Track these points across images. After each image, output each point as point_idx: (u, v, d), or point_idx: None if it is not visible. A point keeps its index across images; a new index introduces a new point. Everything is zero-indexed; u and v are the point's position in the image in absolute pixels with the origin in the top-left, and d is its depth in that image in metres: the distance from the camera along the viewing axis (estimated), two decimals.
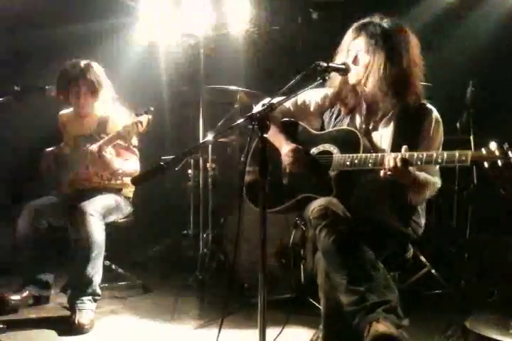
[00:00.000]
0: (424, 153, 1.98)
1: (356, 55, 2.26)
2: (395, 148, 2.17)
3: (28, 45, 4.37)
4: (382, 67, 2.21)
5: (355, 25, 2.32)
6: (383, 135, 2.29)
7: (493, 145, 1.82)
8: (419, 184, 2.13)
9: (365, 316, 1.92)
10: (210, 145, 3.94)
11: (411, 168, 2.02)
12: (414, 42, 2.28)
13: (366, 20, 2.30)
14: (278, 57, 4.59)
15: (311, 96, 2.49)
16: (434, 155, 1.94)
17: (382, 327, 1.87)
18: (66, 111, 3.38)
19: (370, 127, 2.34)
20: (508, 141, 1.85)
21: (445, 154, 1.92)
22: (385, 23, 2.27)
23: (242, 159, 3.53)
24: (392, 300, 1.97)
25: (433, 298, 3.31)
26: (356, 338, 1.96)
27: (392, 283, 2.07)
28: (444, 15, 4.20)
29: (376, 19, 2.29)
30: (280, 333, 2.42)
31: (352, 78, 2.30)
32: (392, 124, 2.28)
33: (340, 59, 2.30)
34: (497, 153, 1.80)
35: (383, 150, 2.24)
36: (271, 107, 1.91)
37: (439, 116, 2.28)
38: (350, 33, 2.32)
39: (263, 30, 4.15)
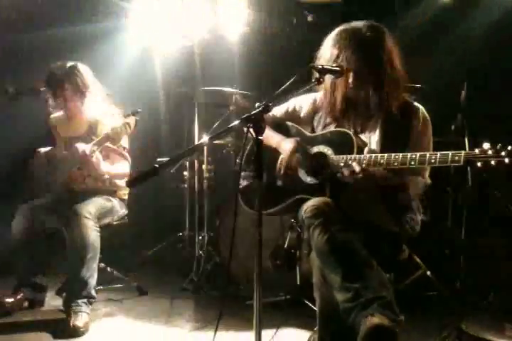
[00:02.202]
0: (418, 153, 1.99)
1: (343, 60, 2.25)
2: (384, 148, 2.19)
3: (23, 47, 4.36)
4: (370, 70, 2.22)
5: (337, 31, 2.30)
6: (371, 136, 2.29)
7: (486, 145, 1.84)
8: (395, 183, 2.15)
9: (360, 312, 1.93)
10: (205, 147, 3.95)
11: (376, 171, 2.06)
12: (394, 43, 2.29)
13: (347, 25, 2.29)
14: (273, 60, 4.60)
15: (301, 102, 2.50)
16: (427, 155, 1.95)
17: (376, 319, 1.88)
18: (56, 114, 3.38)
19: (358, 129, 2.34)
20: (502, 142, 1.86)
21: (438, 154, 1.93)
22: (366, 26, 2.26)
23: (237, 161, 3.54)
24: (387, 296, 1.98)
25: (428, 300, 3.31)
26: (352, 338, 1.96)
27: (386, 281, 2.08)
28: (439, 17, 4.21)
29: (356, 23, 2.28)
30: (275, 334, 2.42)
31: (341, 83, 2.29)
32: (379, 125, 2.29)
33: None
34: (490, 152, 1.82)
35: (373, 152, 2.24)
36: (266, 108, 1.91)
37: (426, 113, 2.29)
38: (332, 39, 2.29)
39: (258, 32, 4.16)
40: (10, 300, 3.04)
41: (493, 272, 3.55)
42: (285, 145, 2.40)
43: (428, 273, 3.35)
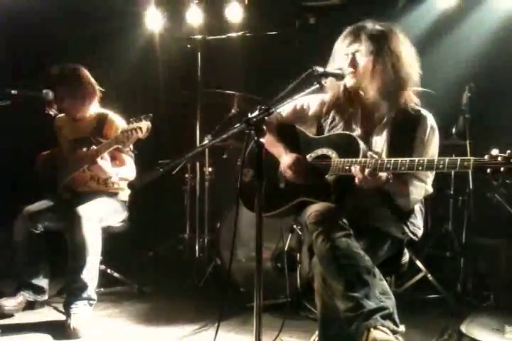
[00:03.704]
0: (425, 158, 1.98)
1: (353, 57, 2.26)
2: (390, 154, 2.18)
3: (25, 48, 4.37)
4: (380, 70, 2.21)
5: (349, 29, 2.30)
6: (378, 141, 2.28)
7: (494, 152, 1.82)
8: (396, 188, 2.14)
9: (362, 323, 1.92)
10: (207, 149, 3.95)
11: (383, 174, 2.05)
12: (408, 45, 2.29)
13: (360, 24, 2.30)
14: (276, 62, 4.60)
15: (309, 101, 2.48)
16: (436, 161, 1.94)
17: (379, 333, 1.86)
18: (62, 115, 3.39)
19: (366, 132, 2.33)
20: (505, 145, 1.85)
21: (447, 160, 1.91)
22: (380, 25, 2.27)
23: (238, 163, 3.53)
24: (389, 306, 1.97)
25: (429, 303, 3.31)
26: None
27: (388, 289, 2.07)
28: (441, 20, 4.21)
29: (369, 23, 2.28)
30: (276, 338, 2.42)
31: (349, 81, 2.29)
32: (386, 131, 2.27)
33: (338, 64, 2.28)
34: (499, 159, 1.80)
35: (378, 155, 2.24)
36: (267, 112, 1.91)
37: (434, 122, 2.27)
38: (345, 38, 2.30)
39: (261, 35, 4.16)
40: (10, 302, 3.03)
41: (493, 275, 3.55)
42: (284, 160, 2.40)
43: (429, 276, 3.35)
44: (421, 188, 2.21)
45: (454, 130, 3.59)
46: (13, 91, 3.06)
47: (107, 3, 4.45)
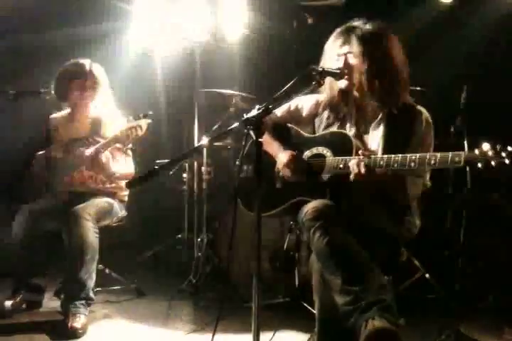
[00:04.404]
0: (418, 154, 1.98)
1: (346, 59, 2.28)
2: (386, 150, 2.19)
3: (23, 48, 4.36)
4: (371, 70, 2.23)
5: (340, 30, 2.33)
6: (374, 138, 2.30)
7: (486, 146, 1.83)
8: (393, 183, 2.15)
9: (360, 315, 1.92)
10: (205, 149, 3.95)
11: (378, 170, 2.05)
12: (397, 43, 2.31)
13: (350, 24, 2.32)
14: (274, 62, 4.60)
15: (303, 102, 2.50)
16: (428, 156, 1.95)
17: (378, 323, 1.87)
18: (57, 115, 3.38)
19: (361, 130, 2.35)
20: (502, 143, 1.85)
21: (438, 155, 1.92)
22: (370, 26, 2.29)
23: (236, 163, 3.53)
24: (387, 299, 1.97)
25: (427, 302, 3.31)
26: None
27: (386, 283, 2.07)
28: (439, 19, 4.22)
29: (359, 23, 2.30)
30: (272, 337, 2.42)
31: (342, 82, 2.31)
32: (381, 127, 2.29)
33: (329, 64, 2.30)
34: (490, 153, 1.81)
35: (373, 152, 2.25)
36: (266, 111, 1.91)
37: (429, 117, 2.29)
38: (336, 38, 2.32)
39: (259, 35, 4.17)
40: (9, 302, 3.02)
41: (491, 274, 3.55)
42: (280, 158, 2.40)
43: (427, 275, 3.35)
44: (419, 183, 2.22)
45: (452, 129, 3.60)
46: (10, 92, 3.07)
47: (105, 3, 4.45)
